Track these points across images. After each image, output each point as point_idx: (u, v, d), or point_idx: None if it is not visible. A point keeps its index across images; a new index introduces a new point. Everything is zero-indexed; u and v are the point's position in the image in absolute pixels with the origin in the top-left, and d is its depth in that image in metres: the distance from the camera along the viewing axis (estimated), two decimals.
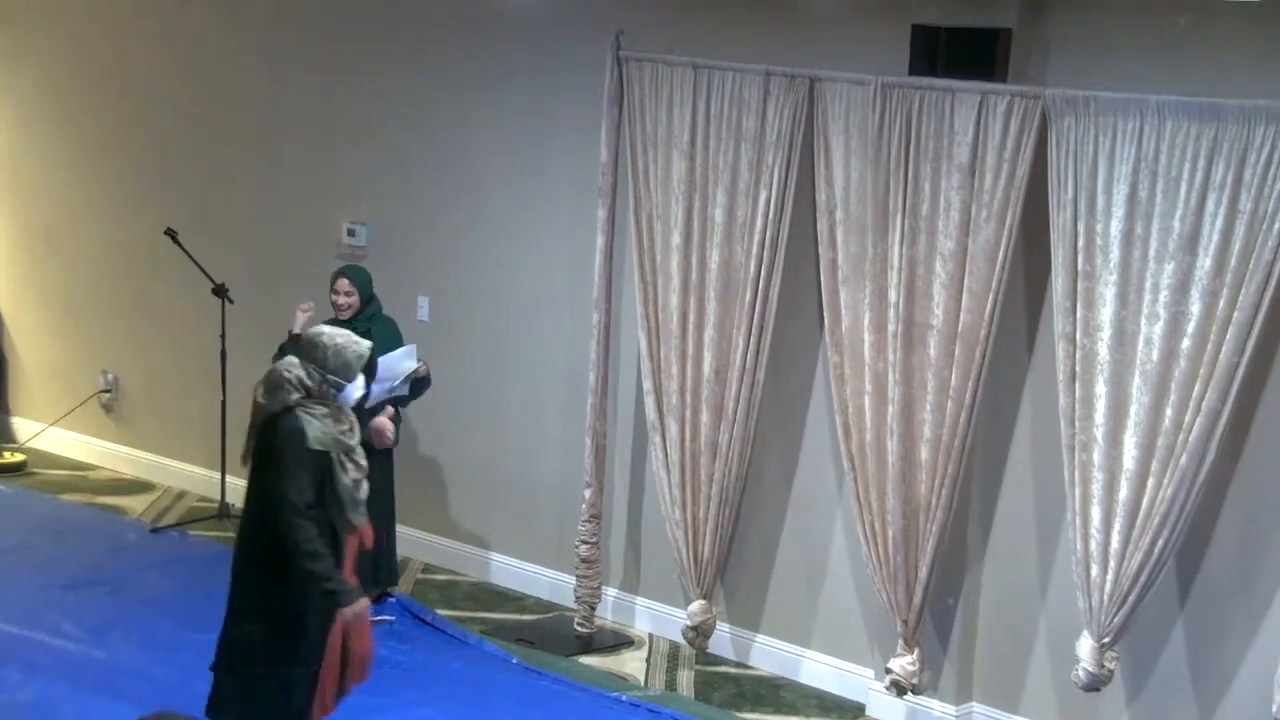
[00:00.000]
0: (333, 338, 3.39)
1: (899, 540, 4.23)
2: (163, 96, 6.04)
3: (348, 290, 4.86)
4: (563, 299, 5.11)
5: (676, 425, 4.64)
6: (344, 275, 4.89)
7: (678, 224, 4.57)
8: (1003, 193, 3.99)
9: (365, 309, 4.90)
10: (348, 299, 4.85)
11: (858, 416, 4.30)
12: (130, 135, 6.14)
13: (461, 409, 5.37)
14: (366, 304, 4.90)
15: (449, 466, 5.50)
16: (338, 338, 3.40)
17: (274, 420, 3.34)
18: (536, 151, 5.09)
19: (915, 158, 4.11)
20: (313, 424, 3.32)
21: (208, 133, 5.94)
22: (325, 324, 3.61)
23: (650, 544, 5.00)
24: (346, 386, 3.40)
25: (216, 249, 5.76)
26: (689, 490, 4.64)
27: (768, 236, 4.39)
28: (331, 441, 3.34)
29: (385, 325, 4.93)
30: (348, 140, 5.57)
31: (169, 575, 5.23)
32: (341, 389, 3.40)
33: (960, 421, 4.10)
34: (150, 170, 6.11)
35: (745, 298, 4.46)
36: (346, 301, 4.84)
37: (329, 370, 3.36)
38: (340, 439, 3.35)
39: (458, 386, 5.35)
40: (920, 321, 4.14)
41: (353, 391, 3.44)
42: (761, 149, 4.37)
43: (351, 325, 4.78)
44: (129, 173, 6.17)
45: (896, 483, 4.21)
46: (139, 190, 6.15)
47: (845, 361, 4.31)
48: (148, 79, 6.07)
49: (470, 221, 5.30)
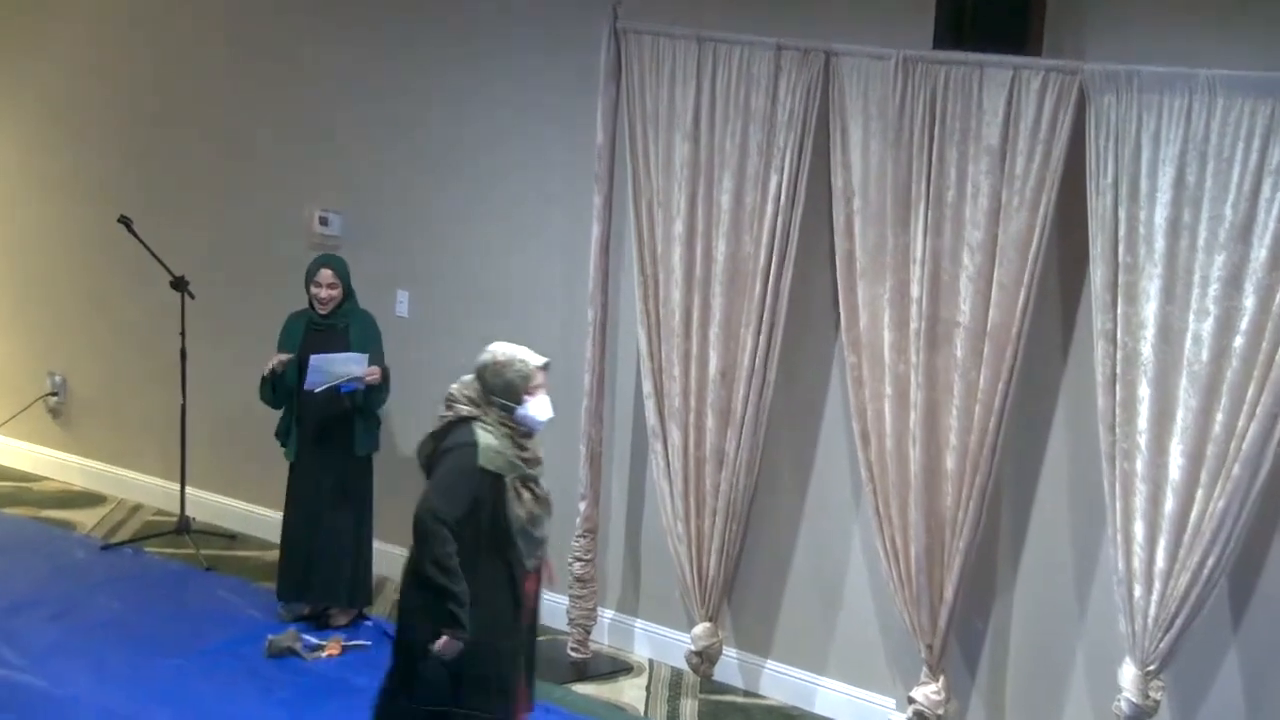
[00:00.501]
0: (494, 355, 3.39)
1: (922, 558, 4.21)
2: (117, 73, 5.98)
3: (331, 282, 4.84)
4: (555, 294, 5.09)
5: (679, 431, 4.63)
6: (328, 266, 4.87)
7: (680, 212, 4.55)
8: (1036, 177, 3.96)
9: (344, 302, 4.90)
10: (330, 292, 4.83)
11: (877, 422, 4.28)
12: (81, 113, 6.08)
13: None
14: (348, 297, 4.90)
15: None
16: (499, 354, 3.40)
17: (449, 429, 3.34)
18: (527, 133, 5.07)
19: (940, 139, 4.09)
20: (486, 439, 3.30)
21: (167, 111, 5.89)
22: (500, 343, 3.56)
23: (650, 561, 4.99)
24: (525, 410, 3.37)
25: (176, 238, 5.70)
26: (693, 502, 4.63)
27: (778, 226, 4.38)
28: (504, 463, 3.32)
29: (363, 320, 4.94)
30: (321, 122, 5.54)
31: (122, 597, 5.18)
32: (510, 410, 3.37)
33: (989, 428, 4.08)
34: (103, 152, 6.05)
35: (754, 292, 4.44)
36: (329, 295, 4.83)
37: (491, 390, 3.35)
38: (515, 462, 3.33)
39: (440, 389, 5.18)
40: (945, 319, 4.13)
41: (534, 415, 3.40)
42: (772, 130, 4.35)
43: (330, 320, 4.83)
44: (79, 154, 6.10)
45: (919, 495, 4.19)
46: (90, 173, 6.09)
47: (863, 362, 4.30)
48: (99, 52, 6.01)
49: (454, 209, 5.28)
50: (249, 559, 5.59)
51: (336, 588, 4.92)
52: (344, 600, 4.96)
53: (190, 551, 5.55)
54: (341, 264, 4.91)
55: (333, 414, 4.83)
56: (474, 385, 3.39)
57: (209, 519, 5.84)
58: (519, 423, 3.41)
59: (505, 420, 3.38)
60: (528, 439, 3.44)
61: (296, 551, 4.96)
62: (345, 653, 4.80)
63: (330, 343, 4.84)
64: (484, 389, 3.36)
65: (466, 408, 3.39)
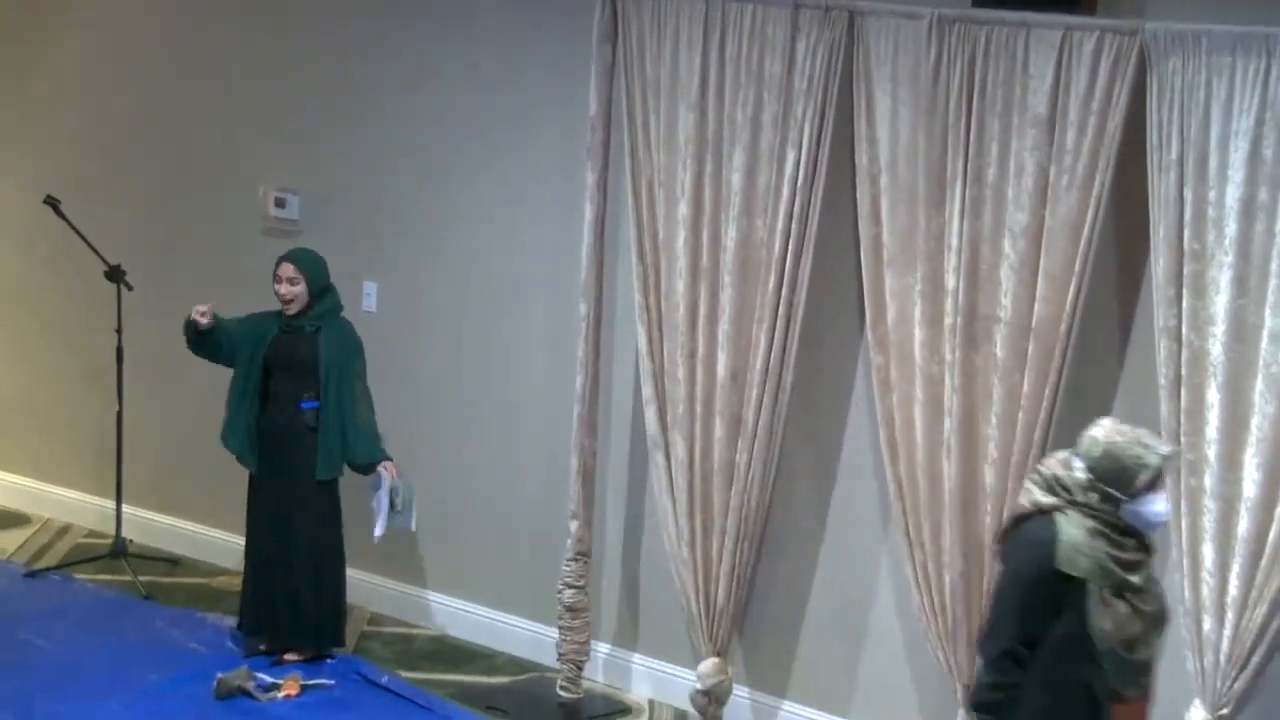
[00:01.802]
0: (1108, 432, 3.05)
1: (959, 586, 4.19)
2: (40, 36, 5.97)
3: (291, 277, 4.84)
4: (542, 285, 5.10)
5: (684, 442, 4.61)
6: (287, 259, 4.87)
7: (685, 192, 4.54)
8: (1089, 153, 3.95)
9: (316, 304, 4.87)
10: (291, 289, 4.83)
11: (907, 431, 4.27)
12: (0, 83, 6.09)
13: (417, 422, 5.37)
14: (319, 298, 4.87)
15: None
16: (1116, 434, 3.05)
17: (1021, 521, 3.06)
18: (510, 103, 5.07)
19: (980, 110, 4.08)
20: (1070, 534, 2.99)
21: (98, 78, 5.88)
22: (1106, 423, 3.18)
23: (651, 589, 5.00)
24: (1139, 506, 3.05)
25: (111, 222, 5.70)
26: (699, 522, 4.62)
27: (796, 208, 4.37)
28: (1091, 567, 2.99)
29: (338, 329, 4.91)
30: (277, 90, 5.53)
31: (49, 631, 5.15)
32: (1116, 503, 3.05)
33: (1034, 438, 4.06)
34: (27, 125, 6.04)
35: (768, 284, 4.43)
36: (290, 292, 4.83)
37: (1097, 475, 3.03)
38: (1107, 567, 2.99)
39: (412, 394, 5.37)
40: (984, 313, 4.12)
41: (1152, 511, 3.08)
42: (789, 99, 4.34)
43: (297, 325, 4.82)
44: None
45: (955, 514, 4.18)
46: (11, 149, 6.08)
47: (891, 363, 4.28)
48: (17, 10, 6.00)
49: (429, 189, 5.28)
50: (194, 586, 5.58)
51: (303, 631, 4.93)
52: (311, 644, 4.97)
53: (127, 578, 5.55)
54: (309, 259, 4.88)
55: (295, 430, 4.84)
56: (1070, 464, 3.04)
57: (148, 541, 5.83)
58: (1126, 519, 3.06)
59: (1103, 514, 3.03)
60: (1128, 537, 3.05)
61: (259, 585, 4.97)
62: (304, 693, 4.79)
63: (296, 349, 4.84)
64: (1089, 473, 3.01)
65: (1047, 496, 3.04)
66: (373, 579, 5.47)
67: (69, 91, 5.92)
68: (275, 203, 5.52)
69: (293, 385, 4.82)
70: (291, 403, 4.81)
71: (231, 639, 5.08)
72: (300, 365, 4.82)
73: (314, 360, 4.81)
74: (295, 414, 4.81)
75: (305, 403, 4.80)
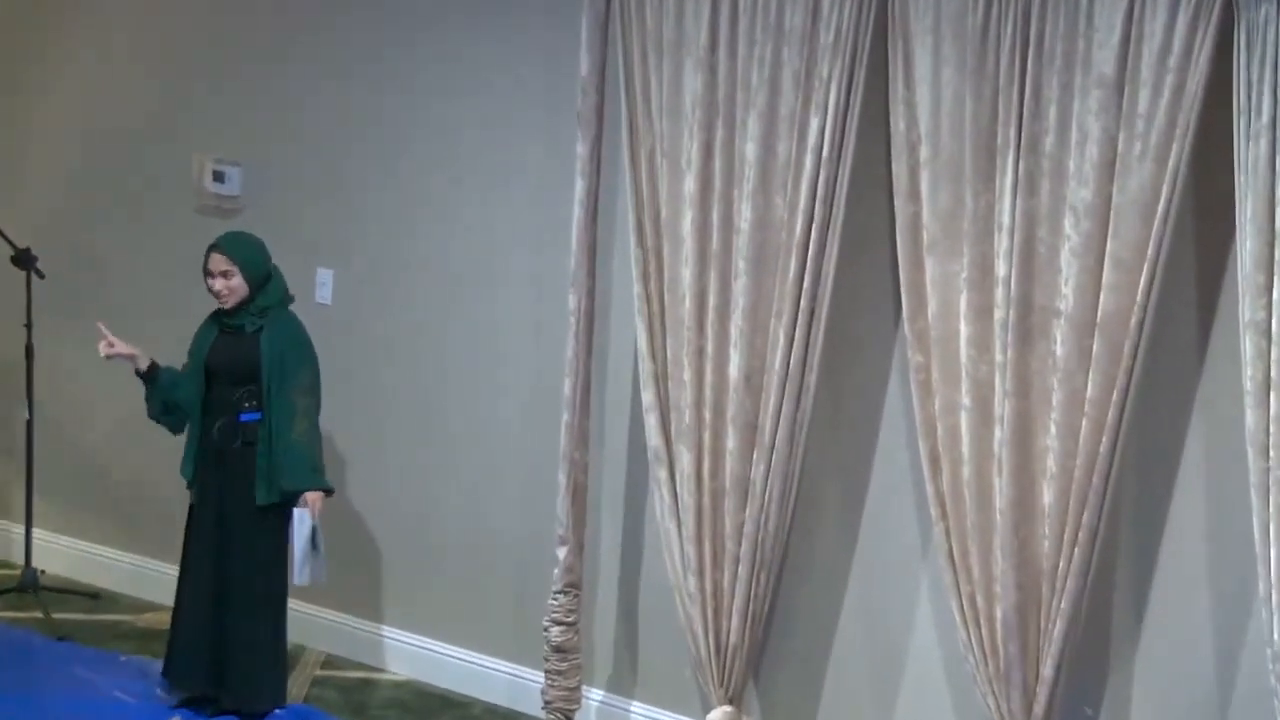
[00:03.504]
0: None
1: (1012, 622, 4.19)
2: None
3: (224, 269, 4.82)
4: (526, 273, 5.12)
5: (690, 455, 4.61)
6: (215, 248, 4.85)
7: (692, 165, 4.54)
8: (1165, 118, 3.93)
9: (258, 297, 4.84)
10: (225, 283, 4.82)
11: (951, 442, 4.26)
12: None
13: (379, 433, 5.42)
14: (261, 290, 4.85)
15: (361, 515, 5.51)
16: None
17: None
18: (488, 62, 5.09)
19: (1036, 68, 4.06)
20: None
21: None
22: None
23: (652, 626, 5.01)
24: None
25: (18, 201, 5.73)
26: (708, 548, 4.61)
27: (820, 183, 4.36)
28: None
29: (283, 329, 4.87)
30: (216, 44, 5.55)
31: None
32: None
33: (1100, 450, 4.06)
34: None
35: (788, 271, 4.43)
36: (224, 286, 4.82)
37: None
38: None
39: (373, 400, 5.41)
40: (1042, 305, 4.11)
41: None
42: (813, 56, 4.34)
43: (237, 324, 4.79)
44: None
45: (1007, 538, 4.17)
46: None
47: (933, 363, 4.28)
48: None
49: (394, 161, 5.31)
50: (117, 624, 5.57)
51: (235, 685, 4.90)
52: (247, 703, 4.93)
53: (38, 615, 5.53)
54: (240, 244, 4.85)
55: (234, 447, 4.82)
56: None
57: (64, 572, 5.84)
58: None
59: None
60: None
61: (188, 625, 4.95)
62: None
63: (235, 352, 4.83)
64: None
65: None
66: (327, 615, 5.48)
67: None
68: (213, 176, 5.53)
69: (231, 395, 4.80)
70: (230, 415, 4.80)
71: (161, 686, 5.06)
72: (239, 371, 4.80)
73: (254, 364, 4.78)
74: (233, 428, 4.79)
75: (245, 414, 4.78)
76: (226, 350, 4.82)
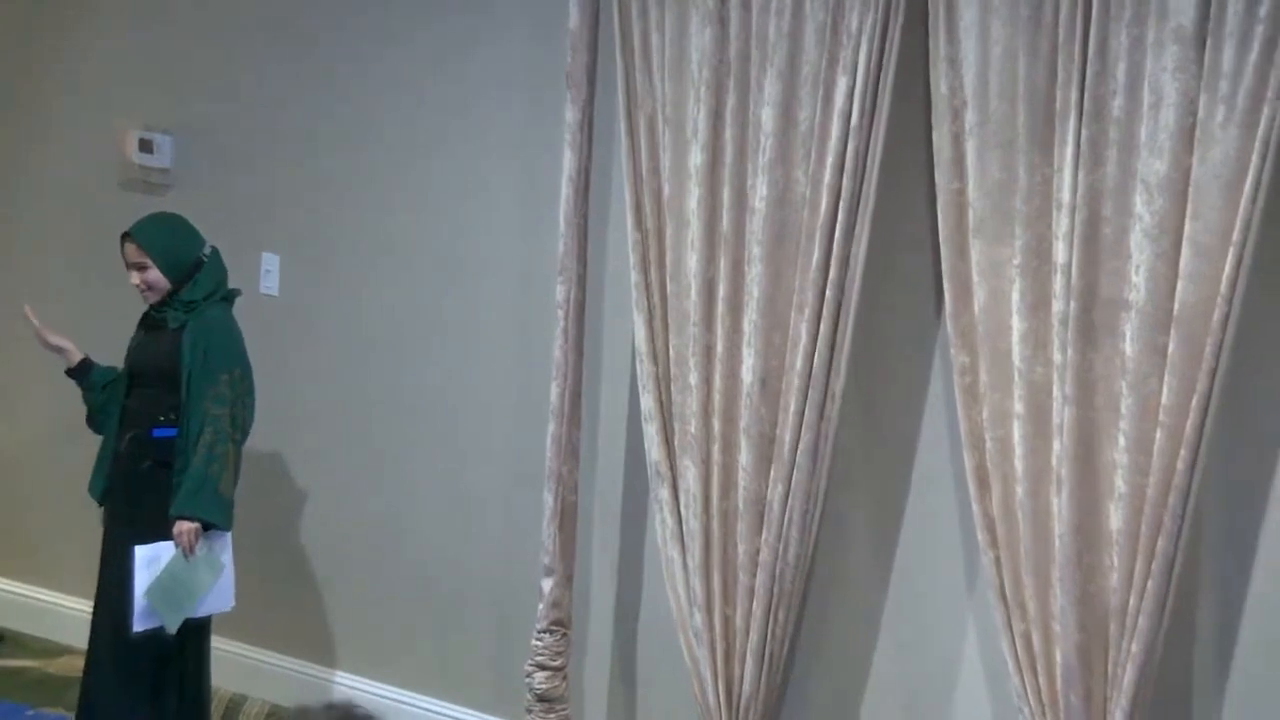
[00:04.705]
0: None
1: (1074, 666, 4.15)
2: None
3: (137, 261, 4.82)
4: (505, 260, 5.15)
5: (697, 471, 4.61)
6: (128, 238, 4.85)
7: (699, 134, 4.53)
8: (1254, 78, 3.88)
9: (184, 289, 4.84)
10: (141, 276, 4.83)
11: (1001, 456, 4.24)
12: None
13: (333, 447, 5.47)
14: (187, 280, 4.83)
15: (311, 543, 5.55)
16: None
17: None
18: (461, 13, 5.11)
19: (1101, 21, 4.03)
20: None
21: None
22: None
23: (652, 671, 5.02)
24: None
25: None
26: (717, 580, 4.61)
27: (849, 154, 4.35)
28: None
29: (207, 327, 4.83)
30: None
31: None
32: None
33: (1177, 466, 4.02)
34: None
35: (811, 257, 4.41)
36: (141, 280, 4.84)
37: None
38: None
39: (327, 409, 5.46)
40: (1108, 296, 4.08)
41: None
42: (840, 6, 4.33)
43: (159, 319, 4.83)
44: None
45: (1068, 569, 4.14)
46: None
47: (980, 364, 4.26)
48: None
49: (351, 129, 5.35)
50: (23, 671, 5.58)
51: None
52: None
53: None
54: (152, 231, 4.83)
55: (145, 465, 4.78)
56: None
57: None
58: None
59: None
60: None
61: (101, 666, 4.94)
62: None
63: (154, 352, 4.83)
64: None
65: None
66: (270, 659, 5.53)
67: None
68: (139, 145, 5.55)
69: (148, 403, 4.79)
70: (144, 427, 4.77)
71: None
72: (156, 374, 4.78)
73: (173, 367, 4.76)
74: (143, 445, 4.76)
75: (159, 429, 4.75)
76: (146, 349, 4.83)
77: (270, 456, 5.34)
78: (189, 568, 4.66)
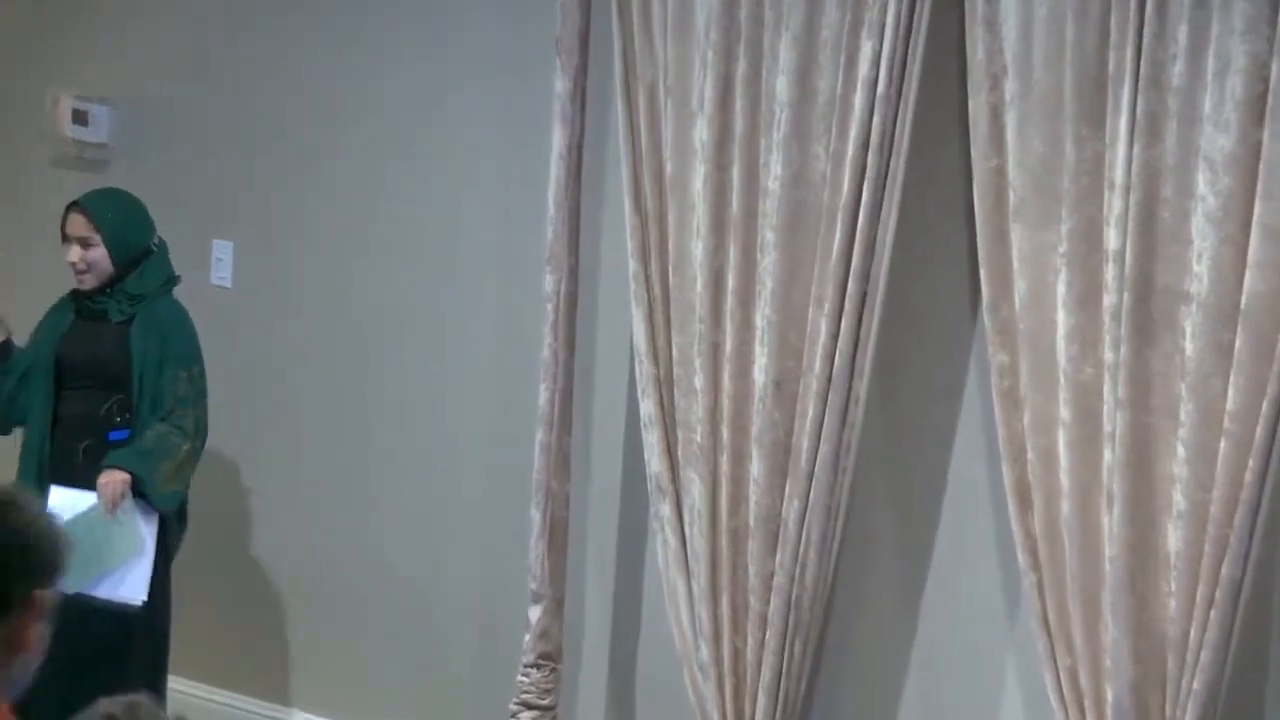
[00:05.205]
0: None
1: (1127, 706, 4.05)
2: None
3: (82, 235, 4.80)
4: (488, 247, 5.13)
5: (703, 484, 4.57)
6: (76, 208, 4.85)
7: (705, 106, 4.50)
8: None
9: (131, 277, 4.84)
10: (83, 253, 4.81)
11: (1045, 468, 4.18)
12: None
13: (293, 457, 5.47)
14: (133, 267, 4.84)
15: (266, 564, 5.54)
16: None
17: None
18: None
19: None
20: None
21: None
22: None
23: (652, 708, 4.98)
24: None
25: None
26: (726, 606, 4.56)
27: (874, 129, 4.30)
28: None
29: (162, 317, 4.85)
30: None
31: None
32: None
33: (1245, 479, 3.92)
34: None
35: (832, 245, 4.37)
36: (83, 258, 4.82)
37: None
38: None
39: (286, 414, 5.46)
40: (1166, 287, 4.00)
41: None
42: None
43: (98, 309, 4.80)
44: None
45: (1120, 594, 4.05)
46: None
47: (1021, 364, 4.21)
48: None
49: (312, 102, 5.36)
50: None
51: None
52: None
53: None
54: (108, 205, 4.84)
55: (95, 473, 4.72)
56: None
57: None
58: None
59: None
60: None
61: (47, 700, 4.73)
62: None
63: (98, 344, 4.81)
64: None
65: None
66: (217, 696, 5.54)
67: None
68: (73, 117, 5.56)
69: (91, 405, 4.75)
70: (90, 432, 4.73)
71: None
72: (99, 371, 4.75)
73: (121, 365, 4.73)
74: (97, 450, 4.71)
75: (115, 432, 4.73)
76: (85, 343, 4.77)
77: (222, 468, 5.32)
78: (105, 525, 4.61)
